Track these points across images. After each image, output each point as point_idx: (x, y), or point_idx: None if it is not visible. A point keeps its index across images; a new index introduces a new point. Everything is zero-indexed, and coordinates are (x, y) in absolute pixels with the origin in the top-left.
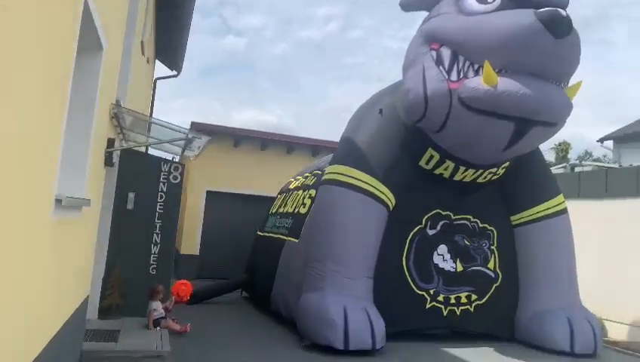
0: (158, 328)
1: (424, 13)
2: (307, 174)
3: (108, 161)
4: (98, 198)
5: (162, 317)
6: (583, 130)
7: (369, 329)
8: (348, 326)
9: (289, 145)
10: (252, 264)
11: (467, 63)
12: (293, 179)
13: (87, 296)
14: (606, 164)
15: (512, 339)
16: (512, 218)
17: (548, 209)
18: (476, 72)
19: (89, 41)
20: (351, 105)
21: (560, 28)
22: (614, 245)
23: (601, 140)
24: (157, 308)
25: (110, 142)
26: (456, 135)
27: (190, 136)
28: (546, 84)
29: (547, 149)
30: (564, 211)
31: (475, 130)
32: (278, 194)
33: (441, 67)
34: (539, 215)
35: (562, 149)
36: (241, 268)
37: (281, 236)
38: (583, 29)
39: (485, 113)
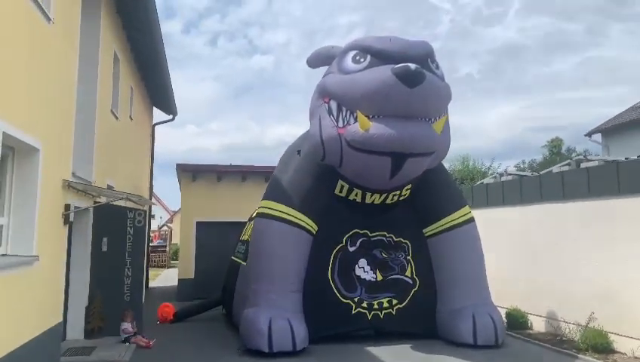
0: (127, 343)
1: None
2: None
3: (66, 221)
4: (58, 251)
5: (132, 335)
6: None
7: (290, 335)
8: (272, 333)
9: (266, 175)
10: (225, 284)
11: (348, 112)
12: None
13: (59, 323)
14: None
15: (435, 336)
16: (425, 230)
17: (455, 220)
18: (356, 119)
19: (19, 144)
20: None
21: (412, 79)
22: (528, 246)
23: (589, 134)
24: (126, 327)
25: (67, 207)
26: (351, 169)
27: (127, 195)
28: (412, 122)
29: (540, 146)
30: (471, 220)
31: (363, 165)
32: (247, 221)
33: (331, 116)
34: (447, 225)
35: (555, 145)
36: None
37: (239, 260)
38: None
39: (366, 151)
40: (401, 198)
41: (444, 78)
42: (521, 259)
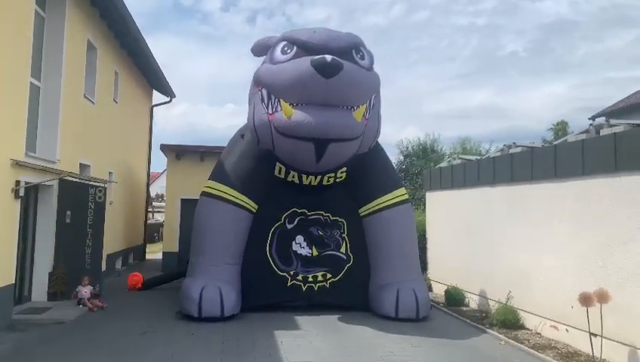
0: (80, 305)
1: None
2: None
3: (17, 195)
4: (8, 222)
5: (88, 298)
6: None
7: (219, 302)
8: (202, 301)
9: None
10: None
11: (276, 100)
12: None
13: (10, 284)
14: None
15: (367, 309)
16: (360, 210)
17: (388, 200)
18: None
19: None
20: (421, 89)
21: (327, 70)
22: (466, 227)
23: (593, 118)
24: (79, 291)
25: (17, 183)
26: (282, 152)
27: (67, 173)
28: (331, 111)
29: (546, 130)
30: (405, 202)
31: (290, 149)
32: None
33: (263, 103)
34: (381, 205)
35: (559, 129)
36: None
37: None
38: None
39: (291, 137)
40: (337, 180)
41: (371, 68)
42: (460, 239)
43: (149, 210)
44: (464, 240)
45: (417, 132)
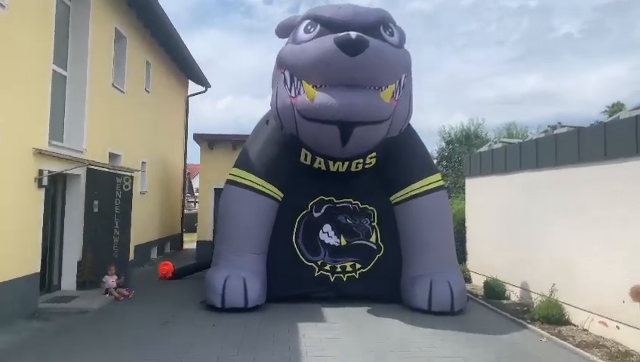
0: (107, 294)
1: None
2: None
3: (40, 184)
4: (32, 211)
5: (114, 288)
6: None
7: (242, 293)
8: (225, 291)
9: None
10: None
11: (299, 82)
12: None
13: (36, 273)
14: None
15: (398, 302)
16: (391, 198)
17: (422, 187)
18: None
19: None
20: (469, 75)
21: (352, 48)
22: (510, 216)
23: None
24: (106, 280)
25: (40, 172)
26: (307, 138)
27: (89, 162)
28: (356, 91)
29: (600, 112)
30: (440, 188)
31: (315, 133)
32: None
33: (286, 86)
34: (414, 192)
35: (615, 111)
36: None
37: None
38: None
39: (314, 120)
40: (366, 166)
41: (401, 45)
42: (501, 228)
43: (191, 200)
44: (505, 228)
45: (464, 119)
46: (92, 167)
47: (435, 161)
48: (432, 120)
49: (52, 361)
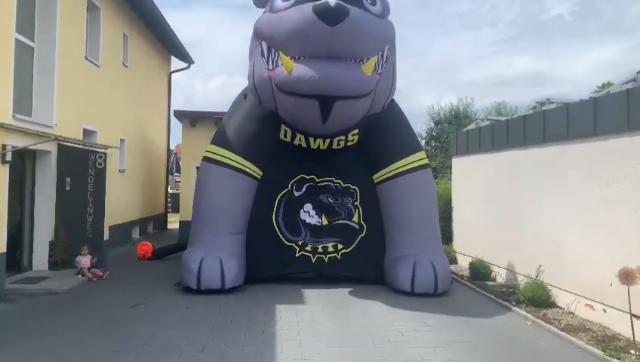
0: (80, 275)
1: None
2: None
3: (3, 160)
4: None
5: (87, 268)
6: None
7: (219, 274)
8: (201, 272)
9: None
10: None
11: (276, 53)
12: None
13: (1, 253)
14: None
15: (382, 283)
16: (374, 176)
17: (406, 165)
18: None
19: None
20: (461, 56)
21: (331, 17)
22: (495, 195)
23: None
24: (79, 261)
25: (3, 147)
26: (285, 113)
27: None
28: (336, 63)
29: (590, 93)
30: (424, 166)
31: (293, 108)
32: None
33: (263, 58)
34: (397, 171)
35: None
36: None
37: None
38: None
39: (292, 94)
40: (349, 143)
41: (384, 15)
42: (488, 208)
43: (178, 180)
44: (491, 208)
45: (455, 100)
46: (62, 142)
47: (423, 142)
48: (424, 102)
49: (12, 344)
